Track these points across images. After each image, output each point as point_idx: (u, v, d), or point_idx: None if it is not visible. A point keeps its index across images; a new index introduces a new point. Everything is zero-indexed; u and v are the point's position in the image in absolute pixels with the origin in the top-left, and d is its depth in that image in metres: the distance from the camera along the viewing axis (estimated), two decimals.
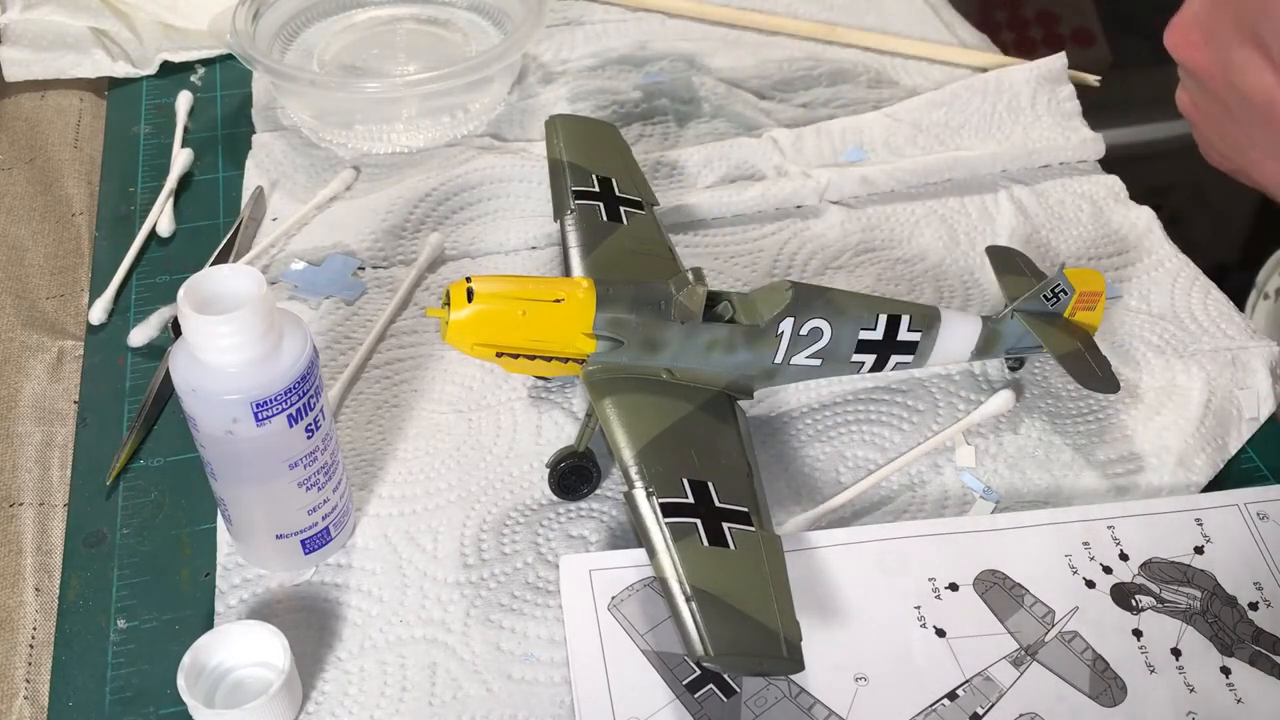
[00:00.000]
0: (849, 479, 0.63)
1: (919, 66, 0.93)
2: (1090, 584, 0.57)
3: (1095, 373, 0.64)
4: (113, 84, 0.93)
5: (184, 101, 0.89)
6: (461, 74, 0.81)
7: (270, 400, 0.52)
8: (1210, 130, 0.56)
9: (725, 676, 0.54)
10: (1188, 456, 0.64)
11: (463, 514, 0.62)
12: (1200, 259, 0.76)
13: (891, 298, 0.65)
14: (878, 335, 0.63)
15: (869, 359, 0.63)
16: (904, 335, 0.63)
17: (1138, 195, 0.81)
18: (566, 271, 0.66)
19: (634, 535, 0.60)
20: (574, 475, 0.62)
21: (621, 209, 0.69)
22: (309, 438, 0.55)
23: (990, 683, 0.54)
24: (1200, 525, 0.60)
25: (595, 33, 0.96)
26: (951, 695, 0.54)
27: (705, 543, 0.52)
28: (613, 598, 0.56)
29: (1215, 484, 0.63)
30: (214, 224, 0.80)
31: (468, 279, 0.59)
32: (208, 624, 0.57)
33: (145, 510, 0.63)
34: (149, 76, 0.93)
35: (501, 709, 0.54)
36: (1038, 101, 0.86)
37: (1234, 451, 0.65)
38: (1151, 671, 0.55)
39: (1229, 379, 0.67)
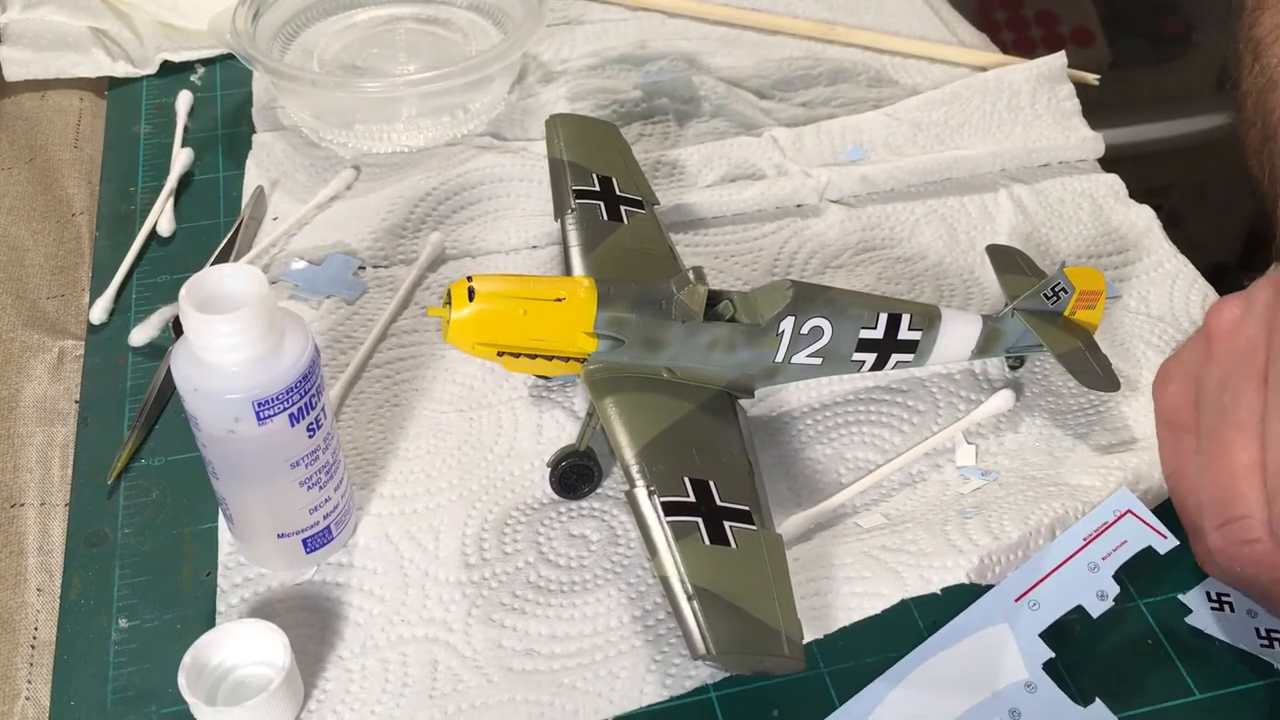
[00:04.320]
0: (849, 480, 0.63)
1: (919, 66, 0.93)
2: None
3: (1095, 371, 0.64)
4: (113, 84, 0.93)
5: (184, 101, 0.89)
6: (461, 74, 0.81)
7: (272, 399, 0.52)
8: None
9: None
10: None
11: (464, 513, 0.62)
12: (1199, 259, 0.76)
13: (892, 297, 0.66)
14: (878, 334, 0.63)
15: (870, 358, 0.63)
16: (904, 334, 0.63)
17: (1137, 195, 0.81)
18: (567, 271, 0.66)
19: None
20: (575, 474, 0.62)
21: (622, 208, 0.69)
22: (310, 437, 0.55)
23: None
24: None
25: (595, 32, 0.96)
26: None
27: (707, 541, 0.52)
28: None
29: None
30: (214, 223, 0.80)
31: (469, 278, 0.59)
32: (209, 623, 0.57)
33: (146, 510, 0.63)
34: (149, 76, 0.93)
35: (501, 694, 0.54)
36: (1037, 100, 0.86)
37: None
38: None
39: None
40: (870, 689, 0.54)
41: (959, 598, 0.56)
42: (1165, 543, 0.57)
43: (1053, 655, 0.54)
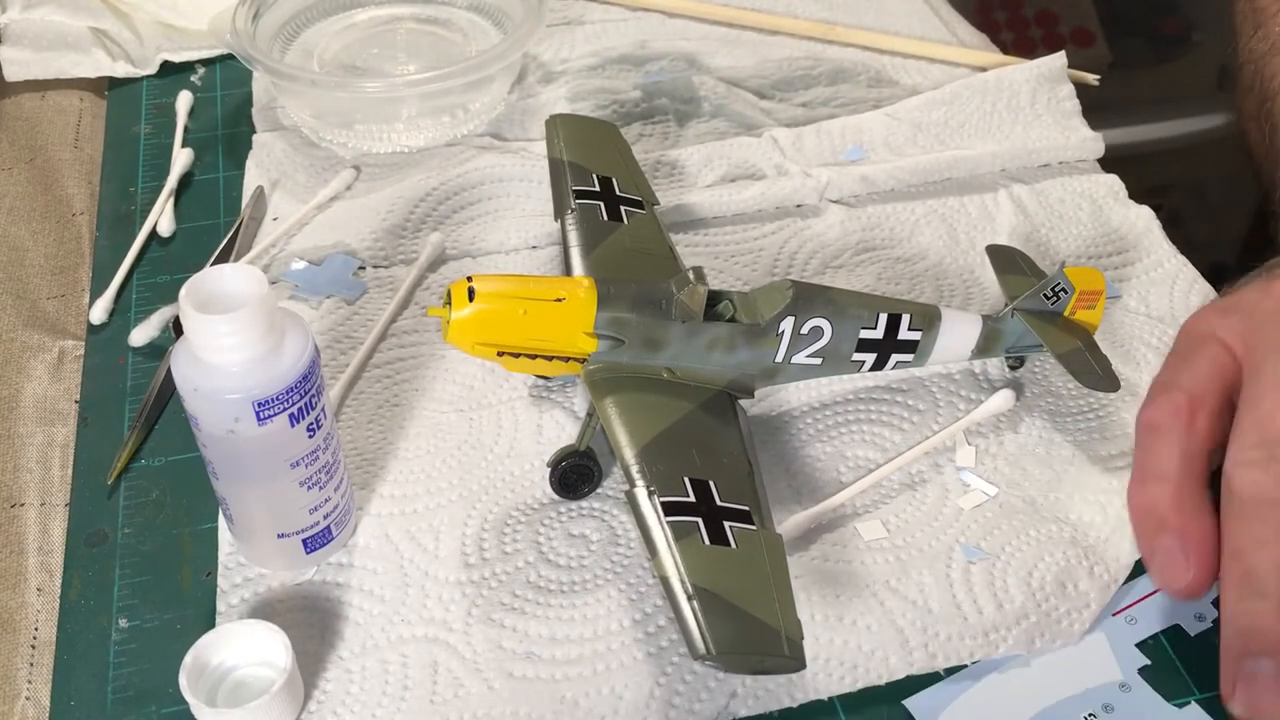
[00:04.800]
0: (849, 478, 0.63)
1: (919, 66, 0.93)
2: None
3: (1095, 371, 0.64)
4: (113, 84, 0.93)
5: (184, 101, 0.89)
6: (461, 74, 0.81)
7: (272, 399, 0.52)
8: None
9: None
10: None
11: (464, 513, 0.62)
12: (1199, 259, 0.76)
13: (892, 297, 0.66)
14: (878, 334, 0.63)
15: (870, 358, 0.63)
16: (904, 334, 0.63)
17: (1137, 195, 0.81)
18: (567, 271, 0.66)
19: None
20: (575, 474, 0.62)
21: (622, 208, 0.69)
22: (310, 437, 0.55)
23: None
24: None
25: (595, 32, 0.96)
26: None
27: (707, 541, 0.52)
28: None
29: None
30: (214, 224, 0.80)
31: (469, 278, 0.59)
32: (209, 623, 0.57)
33: (146, 510, 0.63)
34: (149, 76, 0.93)
35: (503, 705, 0.54)
36: (1037, 101, 0.86)
37: None
38: None
39: None
40: (945, 683, 0.54)
41: None
42: None
43: (1149, 663, 0.55)
